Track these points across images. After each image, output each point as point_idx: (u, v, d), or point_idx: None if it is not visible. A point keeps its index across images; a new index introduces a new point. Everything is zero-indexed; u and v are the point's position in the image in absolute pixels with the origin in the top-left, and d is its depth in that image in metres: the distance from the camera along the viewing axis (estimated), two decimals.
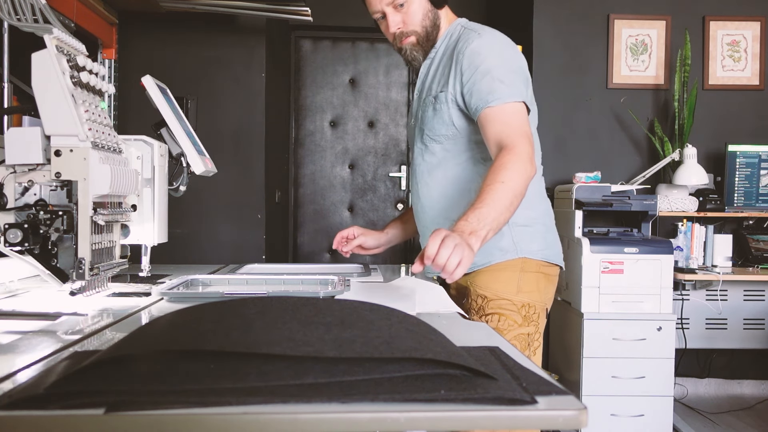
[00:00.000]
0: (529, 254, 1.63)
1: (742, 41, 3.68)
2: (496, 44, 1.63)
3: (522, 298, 1.61)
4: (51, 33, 1.23)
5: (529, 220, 1.65)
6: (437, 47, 1.71)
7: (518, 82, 1.59)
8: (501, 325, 1.59)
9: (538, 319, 1.64)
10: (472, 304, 1.64)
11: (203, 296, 1.48)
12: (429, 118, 1.68)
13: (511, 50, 1.65)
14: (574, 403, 0.70)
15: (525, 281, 1.62)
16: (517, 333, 1.60)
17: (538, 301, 1.64)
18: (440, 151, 1.68)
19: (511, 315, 1.60)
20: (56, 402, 0.65)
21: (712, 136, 3.65)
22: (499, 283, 1.62)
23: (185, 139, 1.65)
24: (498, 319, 1.60)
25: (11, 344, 0.98)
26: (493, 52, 1.60)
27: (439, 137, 1.67)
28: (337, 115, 4.52)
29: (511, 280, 1.62)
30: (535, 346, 1.64)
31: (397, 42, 1.71)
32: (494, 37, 1.64)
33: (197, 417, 0.65)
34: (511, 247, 1.62)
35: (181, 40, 3.22)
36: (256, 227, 3.30)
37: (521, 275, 1.62)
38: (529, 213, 1.64)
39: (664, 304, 2.99)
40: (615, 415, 2.98)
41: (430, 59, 1.73)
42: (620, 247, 3.00)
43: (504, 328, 1.59)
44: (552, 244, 1.70)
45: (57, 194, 1.27)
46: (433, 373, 0.74)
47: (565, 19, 3.67)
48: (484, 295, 1.62)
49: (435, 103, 1.66)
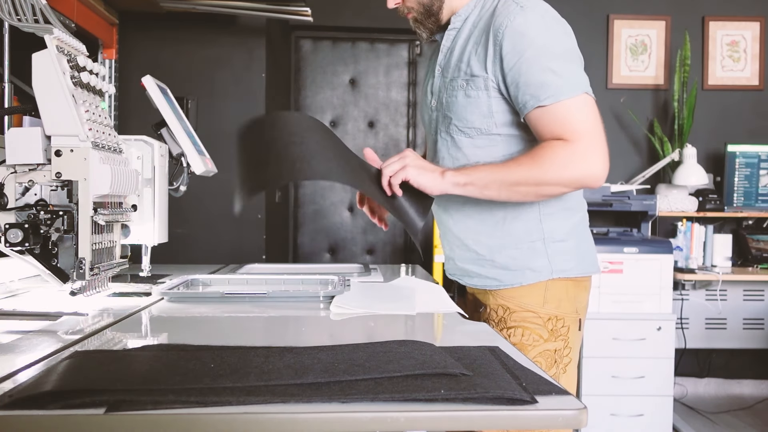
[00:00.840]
0: (563, 273, 1.43)
1: (741, 41, 3.68)
2: (545, 23, 1.36)
3: (549, 310, 1.42)
4: (51, 33, 1.23)
5: (564, 234, 1.45)
6: (465, 15, 1.46)
7: (574, 68, 1.37)
8: (525, 340, 1.42)
9: (568, 333, 1.44)
10: (492, 315, 1.47)
11: (203, 296, 1.48)
12: (460, 106, 1.42)
13: (562, 29, 1.40)
14: (574, 403, 0.70)
15: (552, 291, 1.43)
16: (543, 349, 1.42)
17: (568, 313, 1.44)
18: (469, 146, 1.43)
19: (536, 329, 1.42)
20: (56, 402, 0.65)
21: (711, 136, 3.65)
22: (524, 293, 1.43)
23: (185, 139, 1.65)
24: (522, 333, 1.42)
25: (11, 344, 0.98)
26: (542, 34, 1.34)
27: (471, 130, 1.42)
28: (337, 115, 4.52)
29: (537, 289, 1.43)
30: (564, 363, 1.44)
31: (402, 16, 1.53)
32: (542, 12, 1.37)
33: (197, 417, 0.65)
34: (545, 267, 1.42)
35: (181, 40, 3.22)
36: (256, 227, 3.30)
37: (548, 284, 1.43)
38: (565, 226, 1.45)
39: (664, 304, 2.99)
40: (615, 415, 2.98)
41: (455, 29, 1.47)
42: (620, 247, 3.00)
43: (528, 344, 1.41)
44: (585, 255, 1.49)
45: (57, 194, 1.27)
46: (433, 373, 0.74)
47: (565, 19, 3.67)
48: (506, 306, 1.44)
49: (467, 87, 1.40)
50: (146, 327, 1.18)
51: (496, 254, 1.44)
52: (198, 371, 0.73)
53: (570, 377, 1.46)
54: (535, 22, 1.34)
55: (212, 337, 1.11)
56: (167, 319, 1.24)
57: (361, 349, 0.83)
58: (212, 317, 1.26)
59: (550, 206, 1.42)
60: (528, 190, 1.33)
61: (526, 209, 1.41)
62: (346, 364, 0.76)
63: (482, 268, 1.46)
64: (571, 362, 1.46)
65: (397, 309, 1.28)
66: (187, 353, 0.82)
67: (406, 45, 4.49)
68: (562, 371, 1.44)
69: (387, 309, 1.28)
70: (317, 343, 0.88)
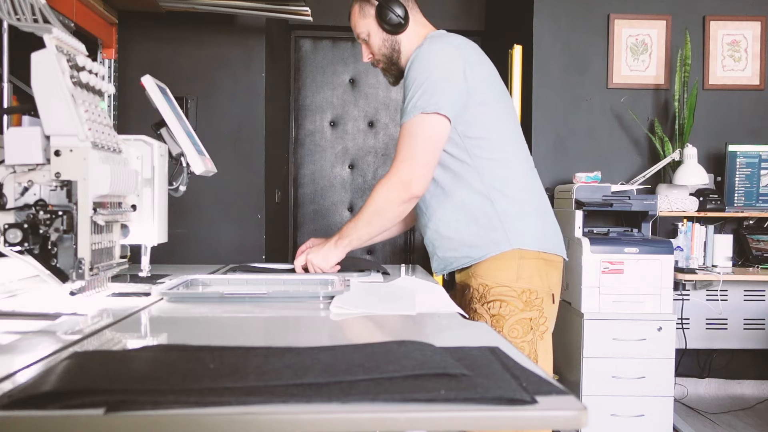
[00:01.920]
0: (524, 245, 1.68)
1: (742, 41, 3.68)
2: (426, 55, 1.67)
3: (522, 284, 1.67)
4: (51, 33, 1.23)
5: (522, 212, 1.70)
6: (410, 60, 1.78)
7: (433, 91, 1.64)
8: (502, 311, 1.66)
9: (542, 304, 1.69)
10: (474, 293, 1.70)
11: (203, 296, 1.48)
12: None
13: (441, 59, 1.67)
14: (574, 403, 0.70)
15: (524, 268, 1.67)
16: (519, 318, 1.66)
17: (540, 287, 1.68)
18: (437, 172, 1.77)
19: (511, 301, 1.66)
20: (55, 402, 0.65)
21: (712, 136, 3.65)
22: (499, 270, 1.68)
23: (185, 139, 1.64)
24: (499, 305, 1.66)
25: (11, 344, 0.98)
26: (421, 66, 1.66)
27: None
28: (337, 115, 4.52)
29: (510, 267, 1.67)
30: (541, 330, 1.69)
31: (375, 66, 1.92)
32: (430, 47, 1.69)
33: (197, 417, 0.65)
34: (503, 239, 1.68)
35: (181, 40, 3.22)
36: (256, 227, 3.30)
37: (520, 262, 1.67)
38: (521, 205, 1.71)
39: (665, 304, 2.99)
40: (615, 415, 2.98)
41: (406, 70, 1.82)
42: (620, 247, 3.00)
43: (506, 314, 1.66)
44: (550, 236, 1.74)
45: (57, 194, 1.26)
46: (433, 373, 0.74)
47: (565, 19, 3.67)
48: (485, 284, 1.69)
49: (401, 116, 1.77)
50: (146, 327, 1.18)
51: (464, 233, 1.71)
52: (198, 371, 0.73)
53: (547, 343, 1.72)
54: (420, 56, 1.68)
55: (212, 337, 1.11)
56: (167, 319, 1.24)
57: (361, 350, 0.83)
58: (212, 317, 1.26)
59: (498, 190, 1.69)
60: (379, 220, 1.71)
61: (477, 196, 1.69)
62: (346, 364, 0.76)
63: (456, 251, 1.73)
64: (547, 330, 1.72)
65: (397, 309, 1.28)
66: (186, 353, 0.81)
67: None
68: (539, 338, 1.69)
69: (387, 309, 1.28)
70: (317, 343, 0.87)
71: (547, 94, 3.64)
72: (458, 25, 4.42)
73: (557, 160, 3.63)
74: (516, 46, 3.46)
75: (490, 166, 1.70)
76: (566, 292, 3.19)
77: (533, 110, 3.63)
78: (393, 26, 1.78)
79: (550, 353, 1.74)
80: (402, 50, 1.82)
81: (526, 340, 1.66)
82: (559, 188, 3.41)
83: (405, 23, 1.79)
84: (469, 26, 4.48)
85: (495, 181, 1.70)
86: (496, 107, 1.73)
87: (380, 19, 1.78)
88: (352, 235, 1.74)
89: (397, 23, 1.78)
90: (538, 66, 3.64)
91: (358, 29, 1.85)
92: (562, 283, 3.12)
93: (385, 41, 1.82)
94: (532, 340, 1.67)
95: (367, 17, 1.82)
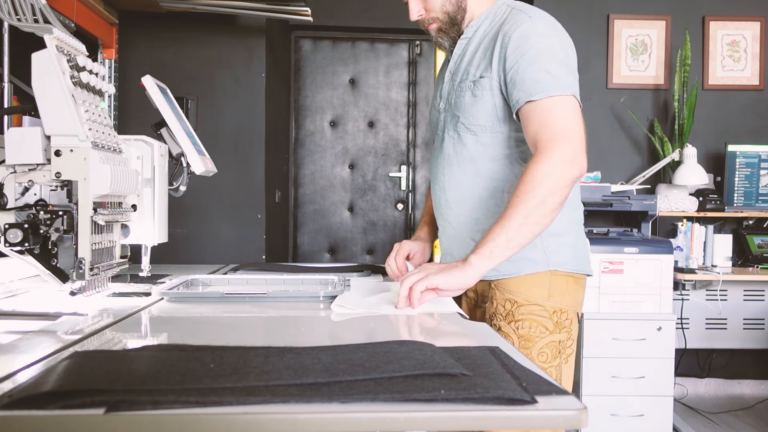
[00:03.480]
0: (560, 266, 1.52)
1: (742, 41, 3.68)
2: (549, 30, 1.48)
3: (554, 304, 1.51)
4: (51, 33, 1.23)
5: (563, 229, 1.53)
6: (476, 26, 1.57)
7: (568, 73, 1.46)
8: (532, 332, 1.49)
9: (571, 326, 1.54)
10: (499, 308, 1.52)
11: (203, 296, 1.48)
12: (467, 105, 1.52)
13: (564, 38, 1.50)
14: (574, 403, 0.70)
15: (556, 285, 1.52)
16: (549, 340, 1.50)
17: (570, 306, 1.54)
18: (474, 143, 1.53)
19: (542, 321, 1.50)
20: (56, 402, 0.65)
21: (711, 136, 3.65)
22: (529, 287, 1.51)
23: (185, 139, 1.65)
24: (529, 325, 1.49)
25: (11, 344, 0.98)
26: (544, 39, 1.45)
27: (476, 128, 1.52)
28: (337, 115, 4.52)
29: (542, 284, 1.51)
30: (567, 354, 1.54)
31: (423, 27, 1.61)
32: (548, 22, 1.50)
33: (197, 417, 0.65)
34: (542, 258, 1.51)
35: (181, 40, 3.22)
36: (256, 227, 3.30)
37: (552, 279, 1.51)
38: (563, 221, 1.52)
39: (664, 304, 2.99)
40: (615, 415, 2.98)
41: (467, 39, 1.58)
42: (620, 247, 3.00)
43: (535, 335, 1.49)
44: (581, 253, 1.59)
45: (57, 194, 1.27)
46: (433, 373, 0.74)
47: (565, 19, 3.65)
48: (513, 300, 1.51)
49: (474, 88, 1.51)
50: (146, 327, 1.18)
51: None
52: (198, 371, 0.73)
53: (570, 366, 1.56)
54: (540, 28, 1.47)
55: (212, 337, 1.11)
56: (167, 319, 1.24)
57: (361, 349, 0.83)
58: (212, 317, 1.26)
59: None
60: (539, 215, 1.37)
61: None
62: (346, 364, 0.76)
63: None
64: (572, 353, 1.56)
65: (398, 309, 1.28)
66: (186, 353, 0.81)
67: (406, 45, 4.49)
68: (565, 361, 1.54)
69: (388, 309, 1.28)
70: (317, 343, 0.88)
71: None
72: None
73: None
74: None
75: None
76: None
77: None
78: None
79: (572, 375, 1.58)
80: (468, 10, 1.56)
81: (553, 365, 1.51)
82: None
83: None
84: None
85: None
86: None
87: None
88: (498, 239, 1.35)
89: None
90: None
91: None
92: None
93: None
94: (558, 365, 1.52)
95: None
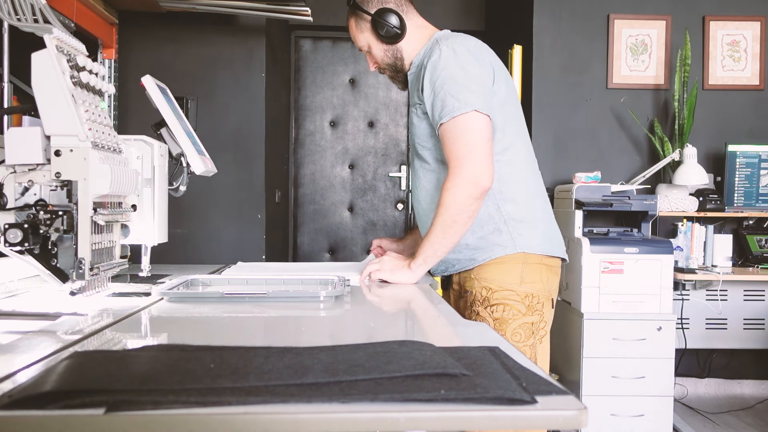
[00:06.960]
0: (529, 249, 1.70)
1: (742, 41, 3.68)
2: (452, 56, 1.66)
3: (525, 289, 1.69)
4: (51, 33, 1.23)
5: (527, 215, 1.72)
6: (416, 62, 1.80)
7: (470, 92, 1.62)
8: (506, 314, 1.68)
9: (543, 309, 1.72)
10: (477, 296, 1.72)
11: (203, 296, 1.48)
12: (415, 127, 1.78)
13: (467, 59, 1.66)
14: (574, 403, 0.70)
15: (527, 272, 1.70)
16: (522, 322, 1.68)
17: (541, 291, 1.71)
18: (429, 156, 1.77)
19: (515, 305, 1.68)
20: (56, 402, 0.65)
21: (712, 136, 3.65)
22: (503, 275, 1.69)
23: (185, 139, 1.65)
24: (503, 309, 1.68)
25: (11, 344, 0.98)
26: (448, 66, 1.64)
27: (427, 146, 1.76)
28: (337, 115, 4.52)
29: (514, 271, 1.69)
30: (540, 335, 1.72)
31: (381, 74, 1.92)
32: (453, 48, 1.67)
33: (197, 417, 0.65)
34: (509, 242, 1.70)
35: (181, 40, 3.22)
36: (256, 227, 3.30)
37: (524, 267, 1.70)
38: (526, 209, 1.73)
39: (664, 304, 2.99)
40: (615, 415, 2.98)
41: (412, 73, 1.83)
42: (620, 247, 3.00)
43: (509, 318, 1.68)
44: (552, 238, 1.77)
45: (57, 194, 1.26)
46: (433, 373, 0.74)
47: (565, 19, 3.67)
48: (489, 287, 1.70)
49: (416, 111, 1.76)
50: (146, 327, 1.18)
51: (469, 238, 1.70)
52: (198, 371, 0.73)
53: (545, 347, 1.76)
54: (445, 57, 1.66)
55: (212, 337, 1.11)
56: (167, 319, 1.24)
57: (361, 350, 0.83)
58: (212, 317, 1.26)
59: (504, 194, 1.70)
60: (453, 230, 1.63)
61: (485, 199, 1.67)
62: (346, 364, 0.76)
63: (460, 254, 1.72)
64: (545, 334, 1.75)
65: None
66: (186, 353, 0.81)
67: None
68: (539, 341, 1.72)
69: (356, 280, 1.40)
70: (317, 343, 0.88)
71: (546, 94, 3.64)
72: (458, 24, 4.42)
73: (557, 160, 3.64)
74: (516, 46, 3.46)
75: (498, 168, 1.67)
76: (566, 292, 3.19)
77: (533, 110, 3.63)
78: (391, 37, 1.78)
79: (547, 355, 1.78)
80: (405, 56, 1.82)
81: (527, 344, 1.68)
82: (559, 188, 3.41)
83: (402, 32, 1.78)
84: (469, 26, 4.48)
85: (502, 184, 1.69)
86: (508, 108, 1.72)
87: (377, 33, 1.78)
88: (427, 252, 1.66)
89: (394, 34, 1.78)
90: (538, 66, 3.64)
91: (359, 42, 1.86)
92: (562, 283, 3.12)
93: (387, 51, 1.81)
94: (532, 344, 1.69)
95: (364, 31, 1.82)
